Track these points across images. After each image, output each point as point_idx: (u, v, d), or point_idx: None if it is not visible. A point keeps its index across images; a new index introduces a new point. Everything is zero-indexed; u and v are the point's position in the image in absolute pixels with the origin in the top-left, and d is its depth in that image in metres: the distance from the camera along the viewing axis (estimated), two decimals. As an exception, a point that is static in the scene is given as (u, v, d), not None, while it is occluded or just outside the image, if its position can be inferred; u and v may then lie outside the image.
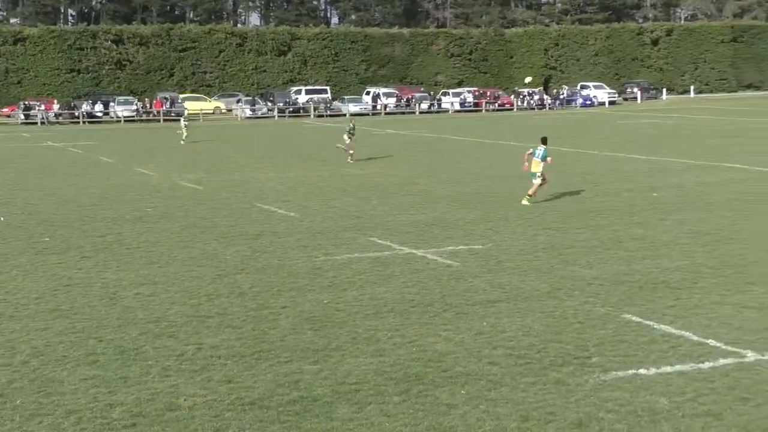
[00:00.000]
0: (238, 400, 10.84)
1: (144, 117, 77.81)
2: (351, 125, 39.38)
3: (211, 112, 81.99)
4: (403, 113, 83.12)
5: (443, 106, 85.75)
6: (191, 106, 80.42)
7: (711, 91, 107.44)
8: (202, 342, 13.15)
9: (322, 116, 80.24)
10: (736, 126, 57.94)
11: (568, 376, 11.45)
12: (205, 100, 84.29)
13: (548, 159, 25.69)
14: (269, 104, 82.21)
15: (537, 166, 25.71)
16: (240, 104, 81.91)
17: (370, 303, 15.21)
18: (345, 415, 10.36)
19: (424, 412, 10.41)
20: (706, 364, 11.80)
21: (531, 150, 26.25)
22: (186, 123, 54.07)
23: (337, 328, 13.78)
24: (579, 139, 48.95)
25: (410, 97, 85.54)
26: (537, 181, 25.78)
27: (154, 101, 79.04)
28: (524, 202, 25.60)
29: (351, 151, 38.67)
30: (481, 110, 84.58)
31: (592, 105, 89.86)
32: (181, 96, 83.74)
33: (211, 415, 10.39)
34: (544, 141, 26.06)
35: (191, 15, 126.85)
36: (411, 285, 16.44)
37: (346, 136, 38.86)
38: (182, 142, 51.16)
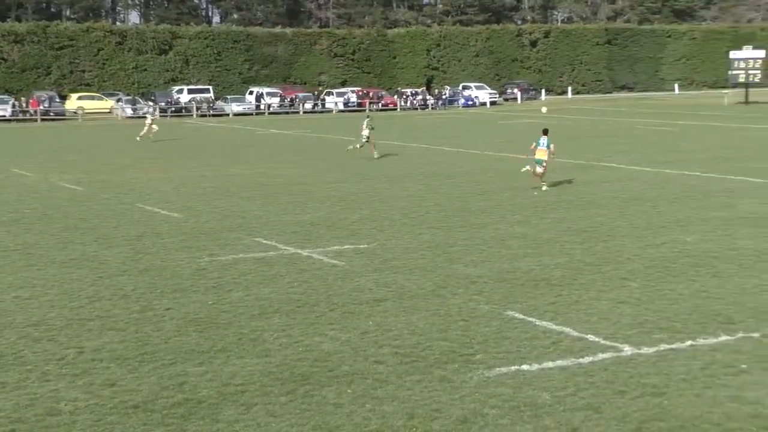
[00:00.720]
0: (122, 404, 10.64)
1: (20, 117, 75.53)
2: (367, 120, 40.12)
3: (108, 111, 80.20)
4: (287, 113, 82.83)
5: (327, 105, 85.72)
6: (87, 105, 78.78)
7: (588, 92, 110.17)
8: (83, 345, 12.87)
9: (204, 116, 79.32)
10: (611, 126, 59.53)
11: (453, 374, 11.60)
12: (102, 99, 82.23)
13: (552, 147, 28.61)
14: (151, 104, 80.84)
15: (543, 154, 28.64)
16: (120, 104, 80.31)
17: (256, 303, 15.13)
18: (231, 416, 10.29)
19: (310, 411, 10.41)
20: (586, 359, 12.11)
21: (534, 144, 28.91)
22: (152, 119, 53.60)
23: (222, 329, 13.66)
24: (461, 139, 49.59)
25: (294, 96, 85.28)
26: (540, 169, 28.65)
27: (31, 100, 76.82)
28: (544, 188, 28.48)
29: (372, 145, 39.29)
30: (364, 110, 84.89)
31: (473, 105, 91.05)
32: (77, 95, 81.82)
33: (93, 420, 10.18)
34: (545, 132, 29.17)
35: (68, 13, 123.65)
36: (297, 285, 16.41)
37: (366, 132, 39.25)
38: (151, 138, 50.87)
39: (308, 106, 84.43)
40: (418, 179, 31.88)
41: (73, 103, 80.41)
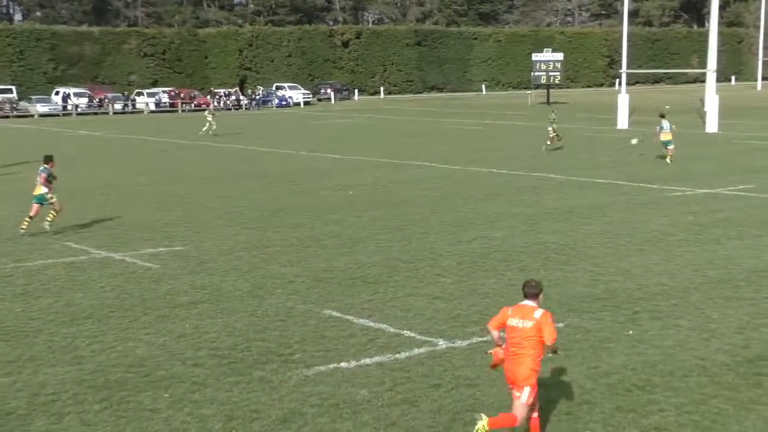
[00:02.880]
0: (-77, 421, 10.12)
1: None
2: (554, 116, 41.45)
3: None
4: (96, 114, 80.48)
5: (138, 106, 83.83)
6: None
7: (399, 93, 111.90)
8: None
9: (7, 117, 76.07)
10: (423, 126, 60.70)
11: (272, 374, 11.60)
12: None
13: (673, 127, 34.81)
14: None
15: (667, 136, 34.57)
16: None
17: (66, 310, 14.68)
18: (42, 427, 9.96)
19: (126, 418, 10.19)
20: (402, 354, 12.35)
21: (658, 128, 34.95)
22: (212, 116, 53.41)
23: (32, 337, 13.19)
24: (276, 139, 49.49)
25: (103, 97, 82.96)
26: (671, 146, 34.71)
27: None
28: (668, 160, 34.25)
29: (556, 142, 40.83)
30: (177, 110, 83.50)
31: (287, 105, 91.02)
32: None
33: None
34: (662, 116, 35.21)
35: None
36: (109, 290, 16.02)
37: (551, 128, 40.35)
38: (201, 133, 51.49)
39: (118, 106, 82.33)
40: (233, 180, 31.63)
41: None
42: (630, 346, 12.60)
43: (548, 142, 40.82)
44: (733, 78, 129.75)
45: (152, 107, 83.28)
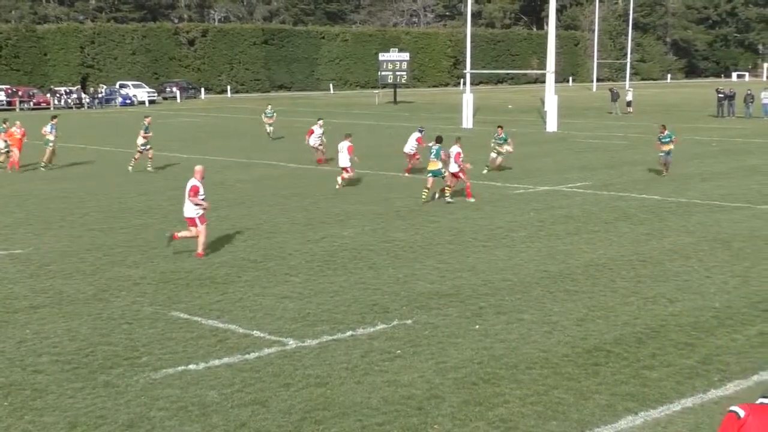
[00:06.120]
0: None
1: None
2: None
3: None
4: (-73, 112, 76.99)
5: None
6: None
7: (247, 91, 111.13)
8: None
9: None
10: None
11: (118, 378, 11.37)
12: None
13: (674, 138, 32.59)
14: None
15: (668, 147, 32.26)
16: None
17: None
18: None
19: (-36, 429, 9.80)
20: (252, 355, 12.28)
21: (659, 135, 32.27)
22: (271, 119, 49.11)
23: None
24: (122, 138, 48.36)
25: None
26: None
27: None
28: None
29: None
30: (14, 109, 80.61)
31: (132, 104, 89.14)
32: None
33: None
34: (663, 127, 33.30)
35: None
36: (-57, 296, 15.36)
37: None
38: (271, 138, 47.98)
39: (-53, 105, 78.93)
40: (76, 180, 30.78)
41: None
42: (476, 341, 12.89)
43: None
44: (570, 79, 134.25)
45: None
